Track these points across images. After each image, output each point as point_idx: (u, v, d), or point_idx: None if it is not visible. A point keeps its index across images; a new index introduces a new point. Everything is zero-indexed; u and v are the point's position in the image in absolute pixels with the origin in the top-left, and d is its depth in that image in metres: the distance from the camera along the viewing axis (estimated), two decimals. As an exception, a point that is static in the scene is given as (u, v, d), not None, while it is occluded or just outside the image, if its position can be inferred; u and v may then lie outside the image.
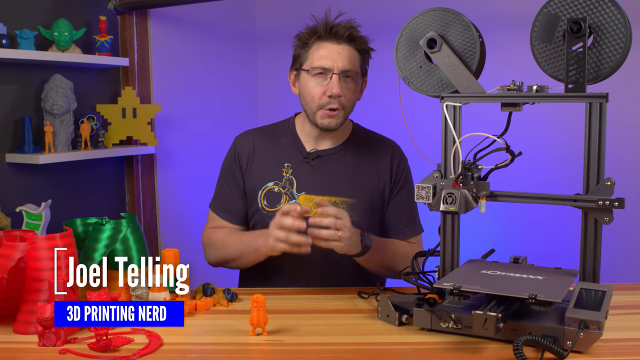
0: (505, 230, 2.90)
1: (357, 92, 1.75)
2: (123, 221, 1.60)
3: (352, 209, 1.73)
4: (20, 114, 2.23)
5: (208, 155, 3.01)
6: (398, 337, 1.30)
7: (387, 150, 1.83)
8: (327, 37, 1.70)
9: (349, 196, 1.75)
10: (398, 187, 1.81)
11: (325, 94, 1.69)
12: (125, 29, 2.59)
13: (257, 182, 1.79)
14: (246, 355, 1.24)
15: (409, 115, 1.55)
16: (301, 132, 1.82)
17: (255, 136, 1.85)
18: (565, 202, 1.28)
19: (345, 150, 1.81)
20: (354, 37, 1.71)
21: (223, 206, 1.84)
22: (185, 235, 2.90)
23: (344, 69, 1.68)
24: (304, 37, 1.73)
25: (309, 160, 1.78)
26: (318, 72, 1.69)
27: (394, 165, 1.81)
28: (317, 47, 1.70)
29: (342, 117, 1.72)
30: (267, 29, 3.33)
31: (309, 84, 1.71)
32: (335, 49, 1.69)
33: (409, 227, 1.81)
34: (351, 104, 1.74)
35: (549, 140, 2.81)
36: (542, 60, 1.32)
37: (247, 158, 1.81)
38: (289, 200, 1.75)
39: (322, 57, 1.69)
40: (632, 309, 1.44)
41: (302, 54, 1.73)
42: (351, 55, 1.70)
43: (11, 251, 1.34)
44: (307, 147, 1.80)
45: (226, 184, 1.84)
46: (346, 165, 1.79)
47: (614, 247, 2.62)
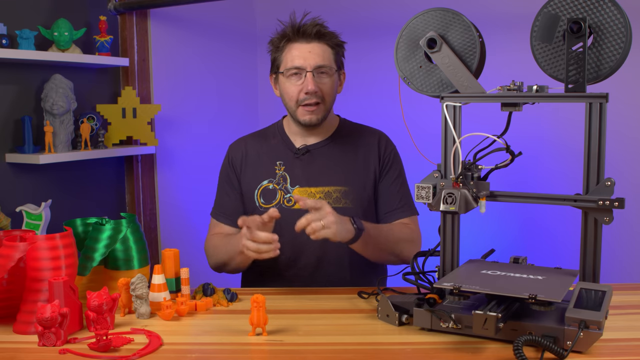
0: (505, 230, 2.90)
1: (334, 85, 1.81)
2: (123, 221, 1.60)
3: (346, 197, 1.79)
4: (20, 114, 2.23)
5: (208, 155, 3.01)
6: (398, 337, 1.30)
7: (374, 137, 1.89)
8: (296, 38, 1.77)
9: (341, 184, 1.80)
10: (387, 168, 1.86)
11: (302, 92, 1.76)
12: (125, 29, 2.59)
13: (253, 182, 1.85)
14: (246, 355, 1.24)
15: (409, 115, 1.55)
16: (289, 131, 1.89)
17: (247, 141, 1.93)
18: (565, 202, 1.28)
19: (333, 143, 1.87)
20: (323, 34, 1.77)
21: (222, 211, 1.90)
22: (185, 235, 2.90)
23: (316, 66, 1.75)
24: (276, 42, 1.81)
25: (299, 156, 1.84)
26: (293, 73, 1.76)
27: (381, 149, 1.87)
28: (289, 48, 1.78)
29: (322, 111, 1.79)
30: (267, 29, 3.33)
31: (285, 84, 1.79)
32: (306, 48, 1.76)
33: (401, 207, 1.84)
34: (330, 98, 1.80)
35: (549, 140, 2.81)
36: (542, 60, 1.33)
37: (241, 162, 1.89)
38: (285, 195, 1.81)
39: (295, 58, 1.76)
40: (632, 309, 1.44)
41: (277, 57, 1.81)
42: (322, 51, 1.77)
43: (11, 251, 1.34)
44: (297, 144, 1.87)
45: (223, 189, 1.91)
46: (335, 156, 1.84)
47: (614, 247, 2.62)
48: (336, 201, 1.78)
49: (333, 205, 1.75)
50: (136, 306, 1.45)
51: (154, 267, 1.50)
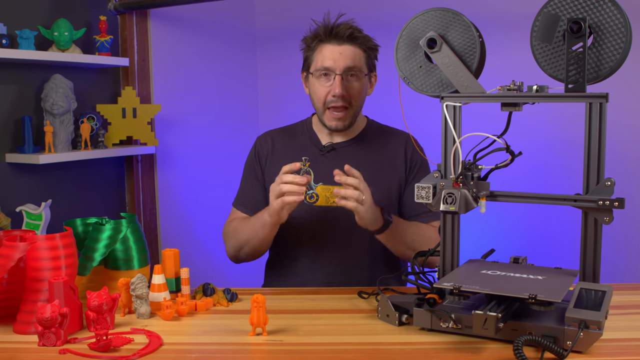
0: (505, 230, 2.90)
1: (363, 89, 1.80)
2: (123, 221, 1.60)
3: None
4: (20, 114, 2.23)
5: (208, 154, 3.01)
6: (398, 337, 1.30)
7: (401, 141, 1.88)
8: (329, 39, 1.76)
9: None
10: (413, 173, 1.85)
11: (330, 94, 1.76)
12: (125, 29, 2.59)
13: (277, 176, 1.82)
14: (246, 355, 1.24)
15: (409, 115, 1.55)
16: (317, 129, 1.90)
17: (274, 135, 1.95)
18: (565, 202, 1.28)
19: (359, 143, 1.87)
20: (355, 37, 1.76)
21: (242, 200, 1.91)
22: (185, 235, 2.90)
23: (346, 67, 1.74)
24: (308, 40, 1.81)
25: (325, 153, 1.85)
26: (322, 74, 1.76)
27: (407, 154, 1.86)
28: (320, 49, 1.77)
29: (350, 116, 1.79)
30: (267, 29, 3.33)
31: (315, 85, 1.79)
32: (337, 50, 1.75)
33: (426, 211, 1.82)
34: (358, 102, 1.80)
35: (549, 140, 2.81)
36: (542, 60, 1.32)
37: (267, 155, 1.90)
38: (307, 190, 1.79)
39: (325, 59, 1.75)
40: (632, 309, 1.44)
41: (309, 56, 1.81)
42: (354, 54, 1.76)
43: (11, 251, 1.34)
44: (323, 142, 1.88)
45: (247, 179, 1.93)
46: (361, 156, 1.84)
47: (614, 247, 2.62)
48: None
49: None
50: (136, 306, 1.45)
51: (154, 267, 1.50)
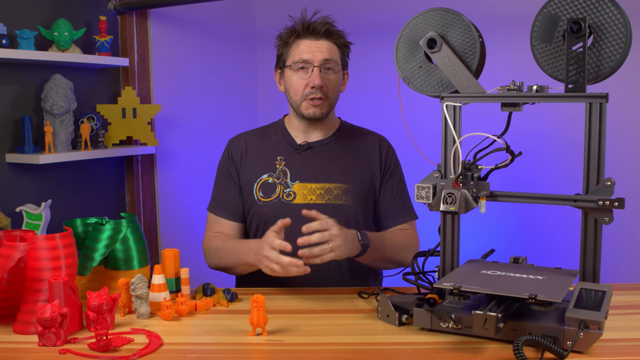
0: (505, 230, 2.90)
1: (339, 83, 1.83)
2: (123, 221, 1.60)
3: (347, 194, 1.80)
4: (20, 114, 2.23)
5: (208, 155, 3.00)
6: (398, 337, 1.30)
7: (375, 140, 1.90)
8: (306, 35, 1.79)
9: (342, 182, 1.81)
10: (388, 174, 1.87)
11: (308, 86, 1.77)
12: (125, 29, 2.59)
13: (252, 176, 1.85)
14: (246, 355, 1.24)
15: (409, 115, 1.55)
16: (290, 128, 1.90)
17: (247, 137, 1.94)
18: (565, 202, 1.28)
19: (335, 141, 1.88)
20: (331, 32, 1.80)
21: (220, 205, 1.88)
22: (185, 235, 2.90)
23: (323, 59, 1.77)
24: (285, 37, 1.83)
25: (301, 152, 1.85)
26: (300, 67, 1.78)
27: (382, 153, 1.88)
28: (297, 44, 1.80)
29: (326, 106, 1.81)
30: (267, 29, 3.33)
31: (292, 78, 1.80)
32: (314, 44, 1.78)
33: (402, 212, 1.86)
34: (334, 95, 1.82)
35: (549, 140, 2.81)
36: (542, 60, 1.32)
37: (241, 156, 1.89)
38: (284, 189, 1.80)
39: (302, 52, 1.78)
40: (632, 309, 1.44)
41: (284, 52, 1.83)
42: (330, 48, 1.79)
43: (11, 251, 1.34)
44: (298, 141, 1.88)
45: (222, 183, 1.90)
46: (337, 154, 1.86)
47: (614, 247, 2.62)
48: (337, 198, 1.78)
49: (333, 202, 1.76)
50: (136, 306, 1.45)
51: (154, 267, 1.50)
